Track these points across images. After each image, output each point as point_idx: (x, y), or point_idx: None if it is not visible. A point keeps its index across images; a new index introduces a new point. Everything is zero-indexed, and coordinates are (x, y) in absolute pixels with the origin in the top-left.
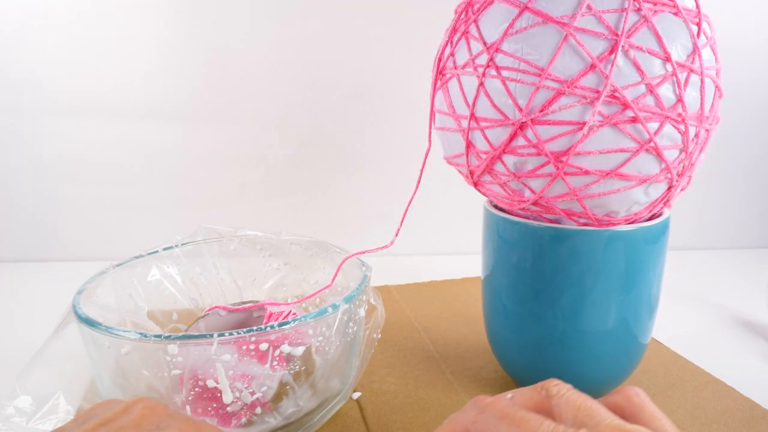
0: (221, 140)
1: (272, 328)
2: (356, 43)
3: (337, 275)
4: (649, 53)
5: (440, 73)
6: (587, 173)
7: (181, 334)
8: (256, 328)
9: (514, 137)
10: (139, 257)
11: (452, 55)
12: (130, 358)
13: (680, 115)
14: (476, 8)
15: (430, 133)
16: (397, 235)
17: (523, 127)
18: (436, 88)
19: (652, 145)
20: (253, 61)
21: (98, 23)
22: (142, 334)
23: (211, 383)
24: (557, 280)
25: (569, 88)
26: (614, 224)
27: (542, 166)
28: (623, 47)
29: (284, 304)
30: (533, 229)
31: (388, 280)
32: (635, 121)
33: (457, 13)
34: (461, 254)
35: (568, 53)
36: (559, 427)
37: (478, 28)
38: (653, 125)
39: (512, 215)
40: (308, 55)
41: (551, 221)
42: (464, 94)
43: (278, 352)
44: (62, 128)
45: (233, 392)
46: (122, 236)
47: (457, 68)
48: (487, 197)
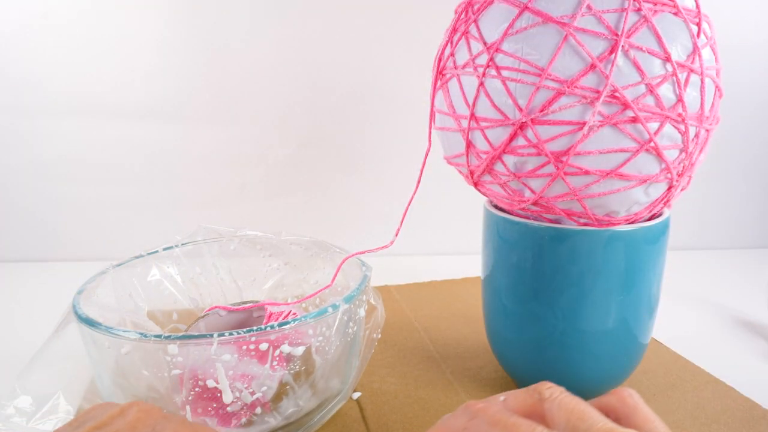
0: (221, 140)
1: (272, 328)
2: (356, 43)
3: (337, 275)
4: (649, 53)
5: (440, 73)
6: (587, 173)
7: (181, 334)
8: (256, 328)
9: (514, 137)
10: (139, 257)
11: (452, 55)
12: (130, 358)
13: (680, 115)
14: (476, 8)
15: (430, 133)
16: (397, 235)
17: (523, 127)
18: (436, 88)
19: (652, 145)
20: (253, 61)
21: (98, 23)
22: (142, 334)
23: (211, 383)
24: (557, 280)
25: (569, 88)
26: (614, 224)
27: (542, 166)
28: (623, 47)
29: (284, 304)
30: (533, 229)
31: (388, 280)
32: (635, 121)
33: (457, 13)
34: (461, 254)
35: (568, 53)
36: None
37: (478, 28)
38: (653, 125)
39: (512, 215)
40: (308, 55)
41: (551, 221)
42: (464, 94)
43: (278, 352)
44: (62, 128)
45: (233, 392)
46: (122, 236)
47: (457, 68)
48: (487, 197)
